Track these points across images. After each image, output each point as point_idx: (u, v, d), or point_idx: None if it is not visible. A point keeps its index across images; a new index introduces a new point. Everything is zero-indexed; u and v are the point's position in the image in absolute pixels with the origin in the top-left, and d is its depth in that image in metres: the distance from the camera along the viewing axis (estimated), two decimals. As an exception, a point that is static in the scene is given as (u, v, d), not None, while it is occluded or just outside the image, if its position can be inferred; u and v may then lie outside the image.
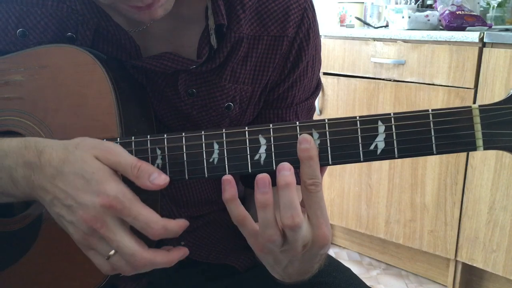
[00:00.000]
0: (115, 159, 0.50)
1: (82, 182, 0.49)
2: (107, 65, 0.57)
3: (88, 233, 0.49)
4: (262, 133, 0.50)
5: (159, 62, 0.61)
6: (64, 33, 0.62)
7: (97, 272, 0.55)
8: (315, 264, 0.53)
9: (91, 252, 0.51)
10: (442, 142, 0.48)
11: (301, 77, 0.68)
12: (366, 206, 2.08)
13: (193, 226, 0.72)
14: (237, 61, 0.64)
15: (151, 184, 0.50)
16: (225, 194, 0.47)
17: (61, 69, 0.58)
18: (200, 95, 0.64)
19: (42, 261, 0.58)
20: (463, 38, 1.71)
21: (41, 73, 0.58)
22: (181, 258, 0.52)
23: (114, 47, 0.62)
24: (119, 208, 0.48)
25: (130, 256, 0.49)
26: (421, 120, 0.48)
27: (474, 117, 0.48)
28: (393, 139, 0.49)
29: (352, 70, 2.03)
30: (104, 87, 0.56)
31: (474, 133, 0.48)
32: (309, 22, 0.66)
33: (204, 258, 0.72)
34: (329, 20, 2.74)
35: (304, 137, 0.48)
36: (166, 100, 0.65)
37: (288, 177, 0.46)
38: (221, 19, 0.61)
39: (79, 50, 0.58)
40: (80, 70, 0.57)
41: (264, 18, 0.64)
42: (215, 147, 0.51)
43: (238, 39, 0.63)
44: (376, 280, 2.04)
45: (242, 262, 0.72)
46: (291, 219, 0.46)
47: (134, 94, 0.61)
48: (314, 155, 0.48)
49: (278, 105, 0.69)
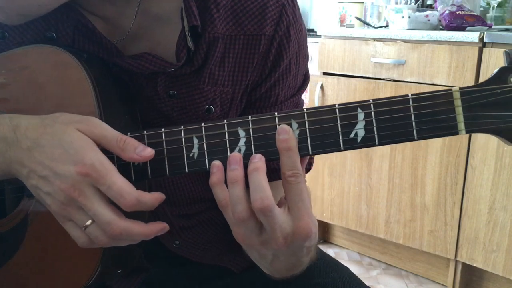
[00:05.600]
0: (100, 132, 0.50)
1: (60, 152, 0.49)
2: (88, 64, 0.57)
3: (66, 203, 0.49)
4: (241, 126, 0.50)
5: (136, 63, 0.60)
6: (44, 33, 0.61)
7: (86, 270, 0.55)
8: (303, 257, 0.52)
9: (69, 224, 0.51)
10: (423, 127, 0.47)
11: (284, 75, 0.66)
12: (366, 206, 2.08)
13: (187, 224, 0.71)
14: (214, 62, 0.63)
15: (138, 156, 0.50)
16: (212, 178, 0.48)
17: (41, 69, 0.58)
18: (180, 97, 0.64)
19: (30, 262, 0.58)
20: (463, 38, 1.71)
21: (22, 75, 0.58)
22: (159, 232, 0.52)
23: (95, 45, 0.61)
24: (95, 176, 0.48)
25: (106, 224, 0.49)
26: (401, 106, 0.47)
27: (455, 100, 0.47)
28: (373, 126, 0.48)
29: (352, 70, 2.03)
30: (84, 86, 0.56)
31: (455, 117, 0.47)
32: (289, 19, 0.64)
33: (198, 258, 0.72)
34: (329, 20, 2.74)
35: (283, 127, 0.48)
36: (147, 100, 0.64)
37: (257, 163, 0.48)
38: (194, 20, 0.60)
39: (58, 50, 0.58)
40: (60, 70, 0.57)
41: (240, 17, 0.63)
42: (195, 141, 0.51)
43: (213, 39, 0.62)
44: (376, 280, 2.04)
45: (237, 264, 0.72)
46: (260, 201, 0.46)
47: (117, 92, 0.61)
48: (293, 146, 0.48)
49: (261, 105, 0.68)
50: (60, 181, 0.49)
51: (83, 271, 0.56)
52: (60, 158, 0.49)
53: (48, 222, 0.56)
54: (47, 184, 0.50)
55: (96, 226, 0.49)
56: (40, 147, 0.50)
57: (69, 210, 0.50)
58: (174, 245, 0.70)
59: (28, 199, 0.58)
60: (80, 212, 0.50)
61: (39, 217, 0.58)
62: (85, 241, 0.51)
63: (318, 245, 0.58)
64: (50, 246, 0.56)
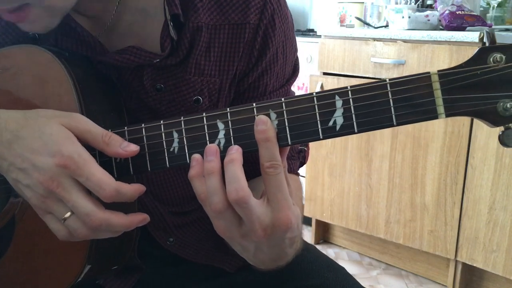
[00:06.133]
0: (85, 127, 0.50)
1: (39, 144, 0.49)
2: (69, 62, 0.57)
3: (45, 195, 0.49)
4: (219, 118, 0.50)
5: (121, 57, 0.60)
6: (26, 33, 0.61)
7: (73, 267, 0.55)
8: (286, 249, 0.51)
9: (48, 217, 0.51)
10: (402, 112, 0.46)
11: (271, 65, 0.66)
12: (366, 206, 2.08)
13: (181, 222, 0.71)
14: (200, 52, 0.63)
15: (123, 151, 0.50)
16: (190, 171, 0.48)
17: (23, 69, 0.58)
18: (167, 90, 0.64)
19: (19, 261, 0.59)
20: (463, 38, 1.71)
21: (4, 76, 0.58)
22: (140, 224, 0.51)
23: (78, 44, 0.61)
24: (73, 168, 0.48)
25: (86, 216, 0.48)
26: (379, 91, 0.47)
27: (433, 83, 0.46)
28: (352, 113, 0.47)
29: (352, 70, 2.03)
30: (66, 84, 0.56)
31: (434, 100, 0.46)
32: (273, 7, 0.64)
33: (192, 257, 0.72)
34: (329, 20, 2.74)
35: (261, 118, 0.48)
36: (135, 95, 0.64)
37: (233, 155, 0.47)
38: (175, 9, 0.60)
39: (39, 49, 0.57)
40: (41, 69, 0.57)
41: (224, 6, 0.63)
42: (175, 135, 0.51)
43: (196, 28, 0.62)
44: (376, 280, 2.04)
45: (231, 263, 0.72)
46: (235, 193, 0.45)
47: (100, 90, 0.61)
48: (271, 137, 0.47)
49: (250, 95, 0.67)
50: (39, 173, 0.48)
51: (71, 268, 0.56)
52: (39, 150, 0.49)
53: (35, 221, 0.56)
54: (26, 177, 0.49)
55: (75, 218, 0.49)
56: (20, 139, 0.50)
57: (48, 202, 0.49)
58: (168, 243, 0.70)
59: (14, 199, 0.58)
60: (59, 204, 0.49)
61: (26, 217, 0.58)
62: (65, 234, 0.51)
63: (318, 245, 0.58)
64: (38, 245, 0.57)
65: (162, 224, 0.69)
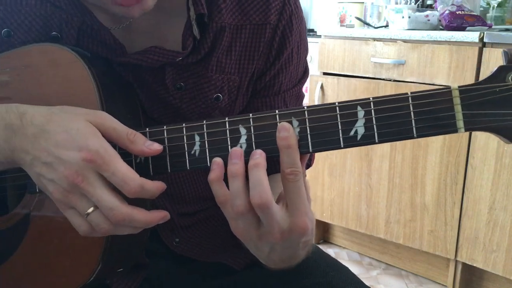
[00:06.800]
0: (110, 125, 0.51)
1: (66, 138, 0.49)
2: (91, 63, 0.57)
3: (69, 190, 0.49)
4: (242, 123, 0.51)
5: (145, 57, 0.61)
6: (49, 32, 0.61)
7: (86, 268, 0.55)
8: (299, 251, 0.53)
9: (70, 212, 0.51)
10: (422, 125, 0.48)
11: (287, 64, 0.68)
12: (366, 206, 2.08)
13: (187, 223, 0.72)
14: (221, 51, 0.64)
15: (147, 149, 0.51)
16: (211, 174, 0.49)
17: (45, 68, 0.58)
18: (188, 88, 0.65)
19: (31, 260, 0.59)
20: (463, 38, 1.71)
21: (25, 73, 0.58)
22: (161, 221, 0.52)
23: (99, 45, 0.62)
24: (99, 162, 0.48)
25: (109, 210, 0.49)
26: (400, 104, 0.48)
27: (454, 98, 0.47)
28: (373, 124, 0.48)
29: (352, 70, 2.03)
30: (88, 85, 0.56)
31: (454, 115, 0.47)
32: (291, 8, 0.66)
33: (197, 256, 0.72)
34: (329, 20, 2.75)
35: (283, 125, 0.49)
36: (154, 96, 0.65)
37: (257, 159, 0.48)
38: (201, 9, 0.61)
39: (61, 48, 0.58)
40: (64, 69, 0.57)
41: (245, 7, 0.65)
42: (196, 139, 0.52)
43: (220, 28, 0.63)
44: (376, 280, 2.04)
45: (237, 260, 0.73)
46: (258, 197, 0.47)
47: (119, 92, 0.62)
48: (293, 144, 0.48)
49: (265, 93, 0.69)
50: (64, 167, 0.48)
51: (83, 269, 0.56)
52: (65, 144, 0.49)
53: (50, 218, 0.56)
54: (50, 171, 0.50)
55: (98, 213, 0.50)
56: (46, 133, 0.50)
57: (71, 197, 0.49)
58: (174, 243, 0.71)
59: (30, 197, 0.58)
60: (83, 199, 0.50)
61: (41, 215, 0.58)
62: (87, 229, 0.51)
63: (318, 245, 0.59)
64: (51, 243, 0.56)
65: (170, 225, 0.70)
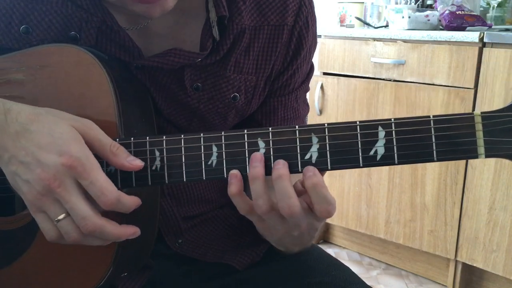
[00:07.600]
0: (95, 135, 0.51)
1: (48, 141, 0.48)
2: (108, 65, 0.57)
3: (43, 193, 0.48)
4: (261, 137, 0.50)
5: (165, 59, 0.61)
6: (68, 32, 0.61)
7: (96, 272, 0.55)
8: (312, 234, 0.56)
9: (40, 215, 0.50)
10: (443, 149, 0.47)
11: (302, 63, 0.70)
12: (366, 206, 2.08)
13: (190, 224, 0.72)
14: (240, 52, 0.65)
15: (128, 163, 0.50)
16: (231, 188, 0.49)
17: (62, 69, 0.58)
18: (206, 89, 0.65)
19: (40, 261, 0.58)
20: (463, 38, 1.71)
21: (41, 73, 0.58)
22: (131, 236, 0.52)
23: (117, 47, 0.62)
24: (79, 170, 0.48)
25: (82, 219, 0.48)
26: (422, 126, 0.48)
27: (476, 124, 0.47)
28: (393, 145, 0.48)
29: (352, 70, 2.03)
30: (105, 87, 0.56)
31: (476, 141, 0.47)
32: (307, 9, 0.68)
33: (200, 256, 0.72)
34: (329, 20, 2.74)
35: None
36: (172, 98, 0.65)
37: (280, 170, 0.49)
38: (223, 11, 0.62)
39: (80, 49, 0.58)
40: (81, 70, 0.57)
41: (263, 9, 0.66)
42: (214, 149, 0.51)
43: (240, 30, 0.64)
44: (376, 280, 2.04)
45: (240, 261, 0.73)
46: (287, 209, 0.48)
47: (135, 95, 0.61)
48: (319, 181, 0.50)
49: (281, 93, 0.70)
50: (42, 169, 0.48)
51: (94, 272, 0.55)
52: (47, 146, 0.48)
53: None
54: (27, 171, 0.49)
55: (69, 221, 0.49)
56: (29, 133, 0.49)
57: (45, 200, 0.49)
58: (177, 244, 0.71)
59: None
60: (56, 204, 0.49)
61: None
62: (54, 236, 0.50)
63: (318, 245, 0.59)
64: (62, 246, 0.56)
65: (175, 228, 0.70)
